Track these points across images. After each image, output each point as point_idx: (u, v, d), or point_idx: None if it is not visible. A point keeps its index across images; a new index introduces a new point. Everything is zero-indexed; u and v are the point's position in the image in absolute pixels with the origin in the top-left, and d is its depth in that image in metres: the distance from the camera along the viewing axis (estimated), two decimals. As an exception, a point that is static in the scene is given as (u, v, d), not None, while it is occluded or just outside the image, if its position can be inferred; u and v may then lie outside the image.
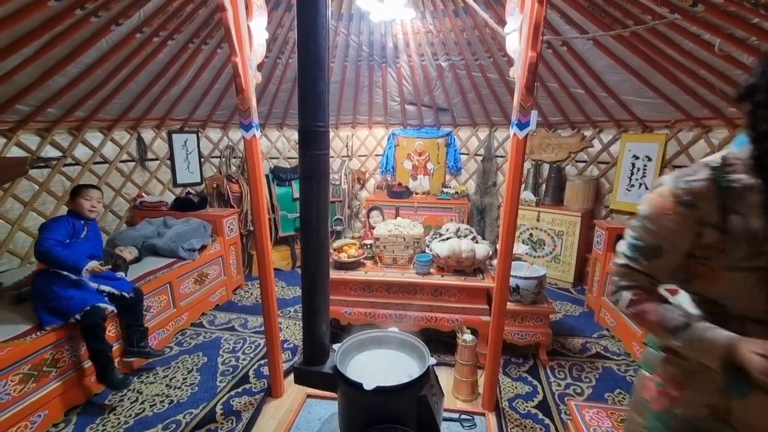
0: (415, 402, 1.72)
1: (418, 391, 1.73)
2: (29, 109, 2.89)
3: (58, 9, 2.13)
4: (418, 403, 1.72)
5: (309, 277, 1.85)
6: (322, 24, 1.53)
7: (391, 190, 5.01)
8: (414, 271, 3.04)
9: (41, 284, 2.40)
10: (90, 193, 2.60)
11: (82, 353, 2.48)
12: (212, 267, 3.81)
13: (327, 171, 1.76)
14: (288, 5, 3.14)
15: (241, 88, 2.06)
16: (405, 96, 4.76)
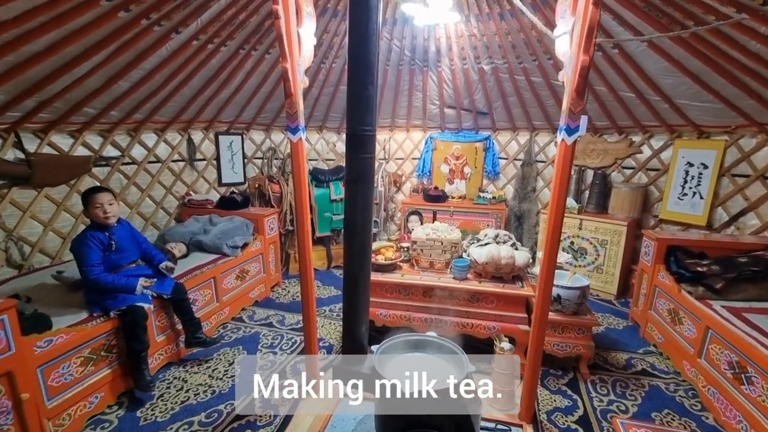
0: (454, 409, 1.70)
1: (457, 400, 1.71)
2: (95, 111, 3.12)
3: (126, 19, 2.30)
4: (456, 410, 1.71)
5: (351, 278, 1.88)
6: (373, 30, 1.56)
7: (427, 193, 5.00)
8: (451, 275, 3.02)
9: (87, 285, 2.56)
10: (97, 198, 2.49)
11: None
12: (253, 264, 3.95)
13: (372, 175, 1.79)
14: (335, 11, 3.22)
15: (289, 93, 2.12)
16: (445, 99, 4.74)
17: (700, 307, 2.70)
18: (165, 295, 2.78)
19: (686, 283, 2.95)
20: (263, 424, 2.43)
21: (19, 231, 3.04)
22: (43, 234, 3.21)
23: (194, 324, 2.92)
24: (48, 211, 3.23)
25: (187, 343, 2.94)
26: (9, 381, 1.98)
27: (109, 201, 2.54)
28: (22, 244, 3.08)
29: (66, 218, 3.36)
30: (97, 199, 2.50)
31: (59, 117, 2.98)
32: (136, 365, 2.55)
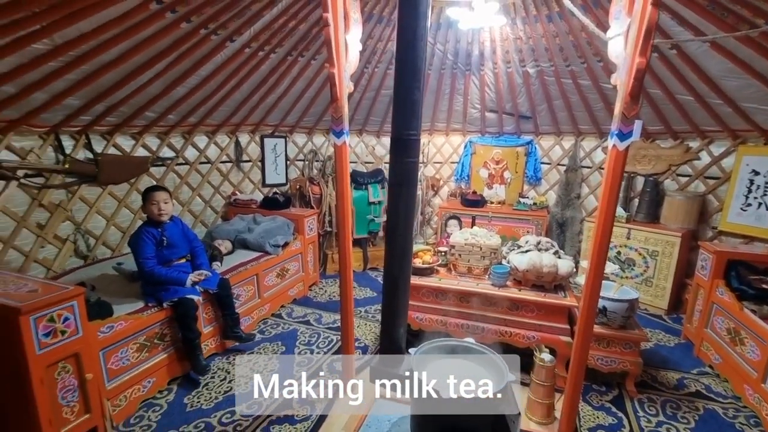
0: (492, 417, 1.68)
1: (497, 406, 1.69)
2: (154, 115, 3.35)
3: (187, 30, 2.46)
4: (495, 418, 1.68)
5: (391, 280, 1.91)
6: (421, 36, 1.58)
7: (465, 198, 4.94)
8: (489, 282, 2.97)
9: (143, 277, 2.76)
10: (155, 197, 2.68)
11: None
12: (292, 263, 4.07)
13: (416, 178, 1.80)
14: (380, 17, 3.28)
15: (335, 97, 2.18)
16: (486, 103, 4.68)
17: (766, 327, 2.49)
18: (211, 290, 2.93)
19: (749, 300, 2.73)
20: (300, 419, 2.49)
21: (86, 225, 3.32)
22: (106, 228, 3.47)
23: (234, 319, 3.06)
24: (111, 207, 3.50)
25: (224, 335, 3.09)
26: (76, 361, 2.16)
27: (164, 200, 2.73)
28: (88, 236, 3.36)
29: (126, 214, 3.62)
30: (154, 197, 2.70)
31: (123, 120, 3.23)
32: (191, 351, 2.73)
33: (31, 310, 1.93)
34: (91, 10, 1.91)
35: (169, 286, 2.70)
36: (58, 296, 2.06)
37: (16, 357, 1.95)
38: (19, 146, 2.79)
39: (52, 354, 2.04)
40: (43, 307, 1.98)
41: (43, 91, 2.40)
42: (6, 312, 1.90)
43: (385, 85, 4.40)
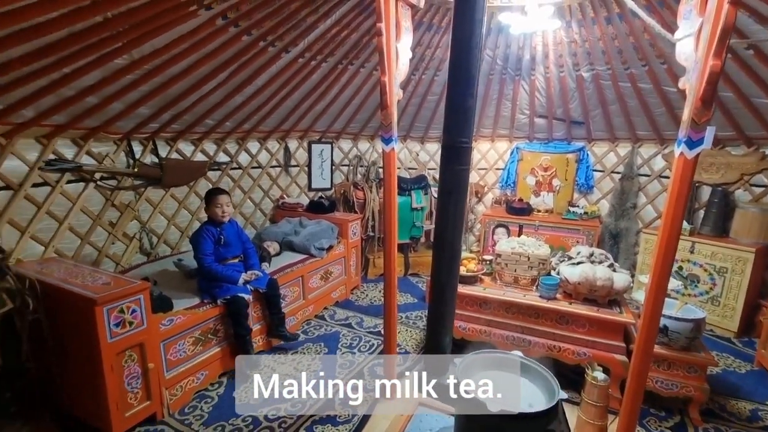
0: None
1: (546, 424, 1.62)
2: (213, 122, 3.57)
3: (248, 42, 2.61)
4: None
5: (438, 288, 1.90)
6: (476, 44, 1.57)
7: (510, 205, 4.81)
8: (537, 293, 2.87)
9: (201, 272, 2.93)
10: (219, 199, 2.88)
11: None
12: (336, 266, 4.15)
13: (466, 186, 1.79)
14: (429, 25, 3.29)
15: (385, 105, 2.22)
16: (536, 109, 4.55)
17: None
18: (260, 289, 3.06)
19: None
20: (342, 421, 2.52)
21: (150, 224, 3.58)
22: (167, 227, 3.73)
23: (279, 318, 3.17)
24: (172, 208, 3.75)
25: (269, 333, 3.20)
26: (140, 351, 2.33)
27: (227, 203, 2.94)
28: (152, 235, 3.62)
29: (185, 214, 3.87)
30: (219, 199, 2.90)
31: (186, 127, 3.46)
32: (242, 346, 2.87)
33: (105, 302, 2.11)
34: (166, 27, 2.09)
35: (222, 283, 2.85)
36: (128, 290, 2.24)
37: (91, 343, 2.14)
38: (96, 151, 3.07)
39: (120, 343, 2.21)
40: (115, 299, 2.16)
41: (120, 102, 2.65)
42: (85, 302, 2.09)
43: (432, 91, 4.40)
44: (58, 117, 2.53)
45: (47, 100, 2.29)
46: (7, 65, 1.82)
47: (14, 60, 1.81)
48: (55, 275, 2.36)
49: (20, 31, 1.63)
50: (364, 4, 2.81)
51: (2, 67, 1.82)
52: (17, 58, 1.81)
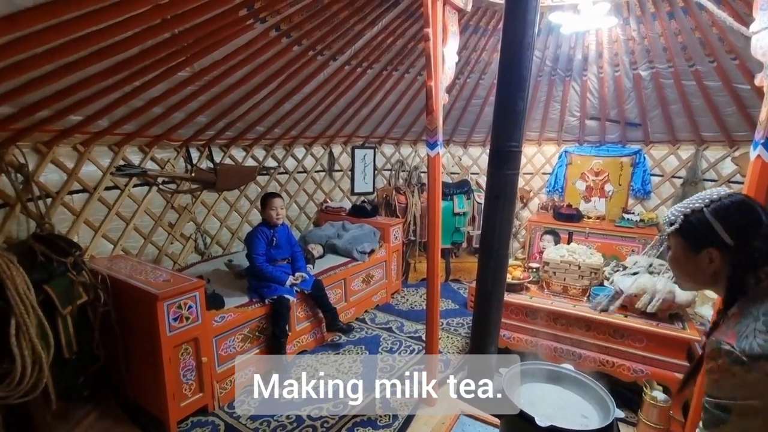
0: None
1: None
2: (263, 129, 3.73)
3: (298, 52, 2.73)
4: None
5: (484, 295, 1.86)
6: (527, 45, 1.54)
7: (558, 211, 4.61)
8: (589, 304, 2.73)
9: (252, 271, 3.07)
10: (274, 203, 3.05)
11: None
12: (377, 270, 4.18)
13: (515, 191, 1.75)
14: (476, 28, 3.26)
15: (431, 109, 2.21)
16: (587, 110, 4.34)
17: None
18: (306, 290, 3.15)
19: None
20: (383, 425, 2.53)
21: (205, 225, 3.79)
22: (220, 229, 3.94)
23: (333, 314, 3.28)
24: (224, 210, 3.95)
25: (327, 328, 3.33)
26: (195, 345, 2.47)
27: (281, 206, 3.12)
28: (206, 236, 3.84)
29: (235, 217, 4.07)
30: (275, 203, 3.07)
31: (238, 134, 3.65)
32: (276, 347, 2.96)
33: (165, 297, 2.26)
34: (225, 40, 2.22)
35: (271, 283, 2.96)
36: (186, 287, 2.38)
37: (152, 336, 2.30)
38: (159, 157, 3.32)
39: (178, 336, 2.36)
40: (174, 296, 2.31)
41: (182, 111, 2.85)
42: (148, 297, 2.26)
43: (476, 94, 4.33)
44: (128, 126, 2.76)
45: (119, 111, 2.50)
46: (87, 81, 2.02)
47: (93, 76, 2.01)
48: (122, 271, 2.56)
49: (99, 50, 1.80)
50: (410, 11, 2.83)
51: (84, 83, 2.03)
52: (96, 74, 2.00)
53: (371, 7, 2.64)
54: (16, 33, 1.38)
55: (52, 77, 1.82)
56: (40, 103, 2.04)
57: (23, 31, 1.39)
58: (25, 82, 1.77)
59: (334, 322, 3.29)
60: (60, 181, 2.72)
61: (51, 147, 2.58)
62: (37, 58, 1.61)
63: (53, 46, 1.58)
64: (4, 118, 2.05)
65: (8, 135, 2.26)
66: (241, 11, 2.07)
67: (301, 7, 2.36)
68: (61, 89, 2.01)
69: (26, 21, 1.35)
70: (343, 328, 3.35)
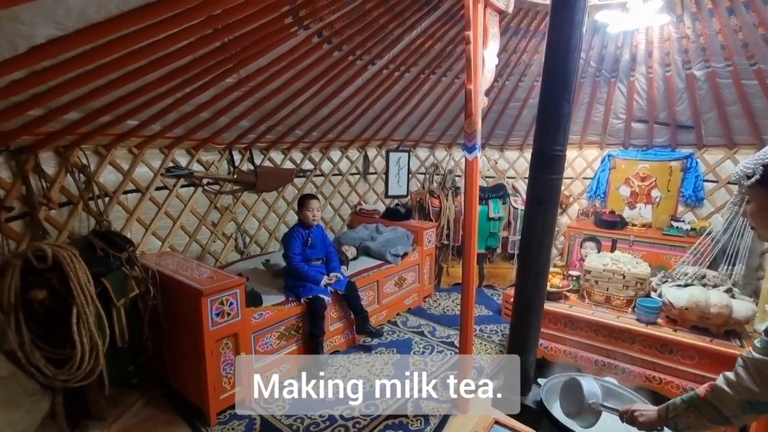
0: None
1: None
2: (301, 133, 3.83)
3: (338, 57, 2.78)
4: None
5: (524, 303, 1.81)
6: (574, 46, 1.50)
7: (600, 218, 4.42)
8: (634, 316, 2.60)
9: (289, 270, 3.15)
10: (311, 204, 3.13)
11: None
12: (410, 273, 4.17)
13: (558, 196, 1.70)
14: (516, 29, 3.20)
15: (470, 113, 2.19)
16: (634, 113, 4.15)
17: None
18: (340, 290, 3.20)
19: None
20: (414, 429, 2.51)
21: (244, 225, 3.94)
22: (258, 229, 4.07)
23: (363, 317, 3.29)
24: (262, 211, 4.09)
25: (357, 330, 3.35)
26: (235, 340, 2.56)
27: (317, 207, 3.20)
28: (245, 235, 3.98)
29: (273, 218, 4.20)
30: (312, 204, 3.15)
31: (278, 138, 3.77)
32: (313, 348, 3.01)
33: (209, 293, 2.37)
34: (270, 47, 2.31)
35: (306, 283, 3.03)
36: (228, 284, 2.48)
37: (195, 330, 2.41)
38: (204, 160, 3.48)
39: (219, 331, 2.46)
40: (217, 292, 2.42)
41: (227, 116, 2.98)
42: (193, 292, 2.37)
43: (515, 97, 4.25)
44: (178, 130, 2.92)
45: (171, 116, 2.66)
46: (144, 88, 2.16)
47: (150, 83, 2.14)
48: (169, 267, 2.70)
49: (156, 59, 1.93)
50: (450, 14, 2.82)
51: (141, 90, 2.17)
52: (152, 82, 2.14)
53: (411, 11, 2.66)
54: (88, 45, 1.50)
55: (114, 85, 1.97)
56: (102, 109, 2.21)
57: (94, 43, 1.51)
58: (92, 89, 1.92)
59: (364, 325, 3.30)
60: (116, 182, 2.92)
61: (109, 150, 2.78)
62: (103, 67, 1.75)
63: (117, 57, 1.71)
64: (72, 122, 2.23)
65: (74, 138, 2.46)
66: (287, 19, 2.15)
67: (343, 14, 2.42)
68: (121, 96, 2.16)
69: (96, 34, 1.47)
70: (372, 332, 3.35)
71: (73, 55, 1.55)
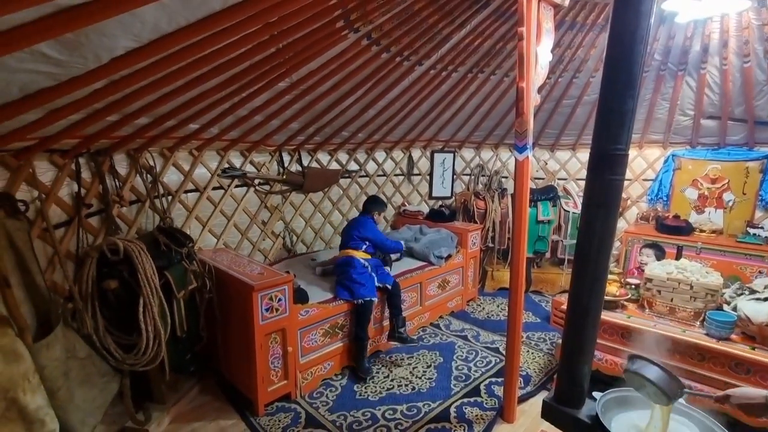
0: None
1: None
2: (348, 134, 3.90)
3: (386, 59, 2.81)
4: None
5: (579, 311, 1.71)
6: (641, 38, 1.39)
7: (662, 223, 4.10)
8: (703, 331, 2.38)
9: (343, 268, 3.17)
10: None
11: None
12: (453, 276, 4.10)
13: (619, 199, 1.59)
14: (572, 24, 3.05)
15: (521, 111, 2.12)
16: (704, 109, 3.81)
17: None
18: (388, 285, 3.20)
19: None
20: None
21: (292, 224, 4.07)
22: (304, 228, 4.19)
23: (400, 320, 3.25)
24: (308, 211, 4.21)
25: (389, 335, 3.29)
26: (282, 335, 2.65)
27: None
28: (292, 234, 4.11)
29: (318, 218, 4.31)
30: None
31: (325, 139, 3.86)
32: (358, 351, 3.03)
33: (260, 288, 2.47)
34: (322, 51, 2.38)
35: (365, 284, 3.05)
36: (277, 280, 2.58)
37: (246, 323, 2.52)
38: (257, 161, 3.65)
39: (268, 326, 2.56)
40: (267, 287, 2.51)
41: (278, 119, 3.10)
42: (245, 288, 2.48)
43: (568, 94, 4.05)
44: (233, 133, 3.08)
45: (227, 120, 2.81)
46: (205, 93, 2.30)
47: (210, 89, 2.28)
48: (224, 263, 2.86)
49: (217, 66, 2.05)
50: (501, 10, 2.75)
51: (202, 95, 2.31)
52: (212, 88, 2.27)
53: (461, 9, 2.62)
54: (159, 55, 1.63)
55: (179, 92, 2.12)
56: (168, 114, 2.38)
57: (164, 53, 1.64)
58: (160, 96, 2.08)
59: (398, 330, 3.21)
60: (178, 182, 3.14)
61: (173, 152, 2.99)
62: (171, 75, 1.89)
63: (183, 65, 1.83)
64: (142, 127, 2.43)
65: (143, 141, 2.67)
66: (338, 23, 2.20)
67: (392, 15, 2.43)
68: (185, 102, 2.31)
69: (167, 44, 1.59)
70: (405, 338, 3.23)
71: (146, 64, 1.69)
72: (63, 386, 2.06)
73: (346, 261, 3.20)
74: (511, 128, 4.59)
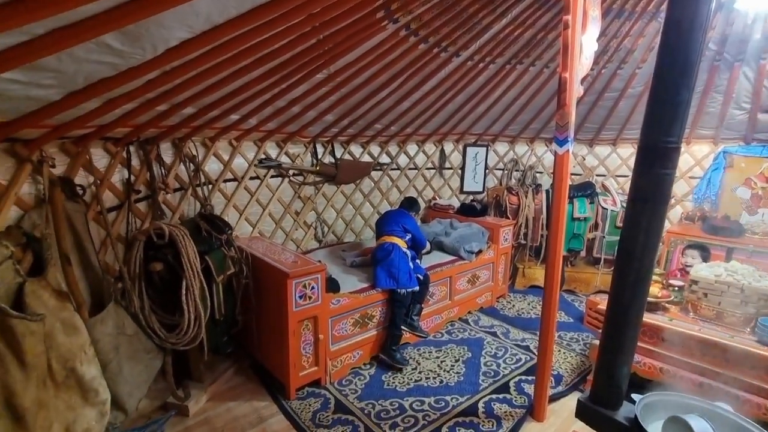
0: None
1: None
2: (381, 126, 3.90)
3: (424, 49, 2.79)
4: None
5: (620, 310, 1.66)
6: (700, 25, 1.32)
7: (710, 223, 3.87)
8: (753, 337, 2.26)
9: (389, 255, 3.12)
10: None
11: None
12: (483, 271, 4.05)
13: (668, 193, 1.52)
14: (620, 11, 2.92)
15: (563, 103, 2.06)
16: (762, 102, 3.56)
17: None
18: (420, 275, 3.22)
19: None
20: (486, 431, 2.45)
21: (323, 215, 4.13)
22: (336, 219, 4.25)
23: (417, 308, 3.26)
24: (340, 202, 4.26)
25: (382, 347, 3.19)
26: (314, 323, 2.72)
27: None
28: (324, 225, 4.18)
29: (350, 209, 4.35)
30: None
31: (358, 132, 3.89)
32: (393, 341, 3.05)
33: (294, 276, 2.53)
34: (360, 42, 2.39)
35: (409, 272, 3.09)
36: (311, 269, 2.63)
37: (280, 309, 2.60)
38: (291, 152, 3.72)
39: (301, 313, 2.62)
40: (301, 275, 2.58)
41: (314, 110, 3.15)
42: (280, 275, 2.55)
43: (611, 87, 3.88)
44: (270, 124, 3.16)
45: (266, 111, 2.88)
46: (247, 85, 2.37)
47: (252, 80, 2.34)
48: (259, 250, 2.94)
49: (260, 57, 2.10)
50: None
51: (244, 87, 2.38)
52: (254, 79, 2.34)
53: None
54: (209, 46, 1.69)
55: (224, 83, 2.19)
56: (212, 104, 2.46)
57: (213, 44, 1.70)
58: (206, 86, 2.16)
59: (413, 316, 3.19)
60: (218, 171, 3.25)
61: (214, 141, 3.10)
62: (217, 66, 1.95)
63: (229, 56, 1.90)
64: (187, 117, 2.53)
65: (188, 131, 2.78)
66: (379, 13, 2.20)
67: (432, 5, 2.40)
68: (228, 93, 2.39)
69: (217, 35, 1.65)
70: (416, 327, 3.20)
71: (196, 55, 1.75)
72: (113, 360, 2.20)
73: (390, 248, 3.15)
74: (549, 122, 4.47)
